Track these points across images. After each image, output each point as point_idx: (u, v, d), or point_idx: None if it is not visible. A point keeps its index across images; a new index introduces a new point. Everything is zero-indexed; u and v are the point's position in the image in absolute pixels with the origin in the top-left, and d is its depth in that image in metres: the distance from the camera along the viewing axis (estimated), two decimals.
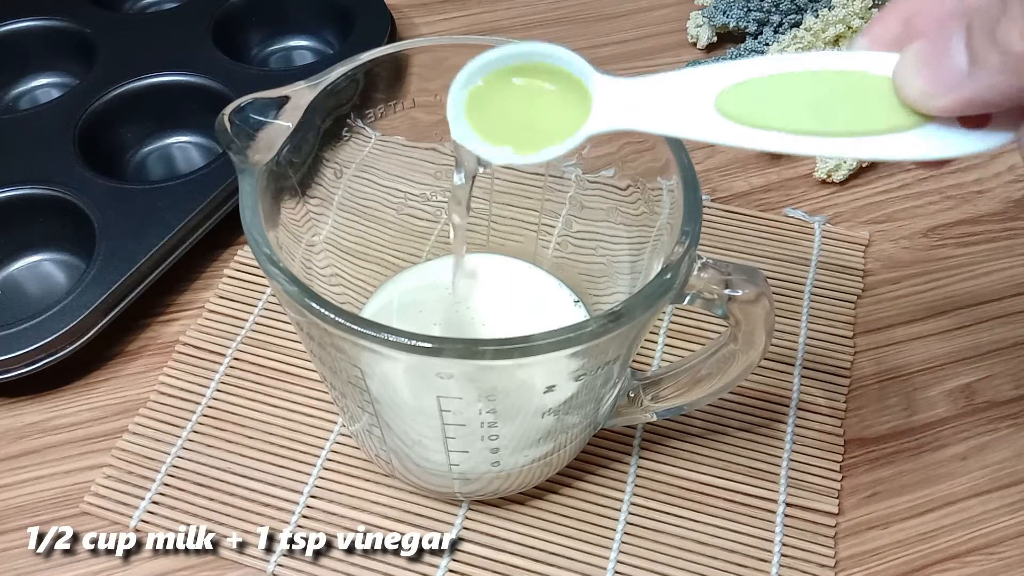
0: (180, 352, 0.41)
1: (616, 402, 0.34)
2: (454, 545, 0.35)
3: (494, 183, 0.38)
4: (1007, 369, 0.41)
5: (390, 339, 0.24)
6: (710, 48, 0.55)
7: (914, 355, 0.41)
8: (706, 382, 0.33)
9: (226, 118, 0.29)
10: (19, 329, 0.38)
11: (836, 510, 0.36)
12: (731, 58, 0.52)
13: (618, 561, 0.35)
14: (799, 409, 0.39)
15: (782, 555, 0.35)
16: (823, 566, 0.35)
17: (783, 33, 0.53)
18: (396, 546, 0.35)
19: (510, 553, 0.35)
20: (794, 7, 0.53)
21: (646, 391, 0.34)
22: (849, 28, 0.50)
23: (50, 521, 0.36)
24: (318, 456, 0.38)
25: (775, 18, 0.53)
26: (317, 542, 0.35)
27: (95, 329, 0.40)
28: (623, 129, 0.25)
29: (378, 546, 0.35)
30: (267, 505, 0.36)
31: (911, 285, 0.44)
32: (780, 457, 0.38)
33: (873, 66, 0.23)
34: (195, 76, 0.49)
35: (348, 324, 0.25)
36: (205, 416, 0.39)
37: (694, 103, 0.24)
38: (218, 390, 0.40)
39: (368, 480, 0.37)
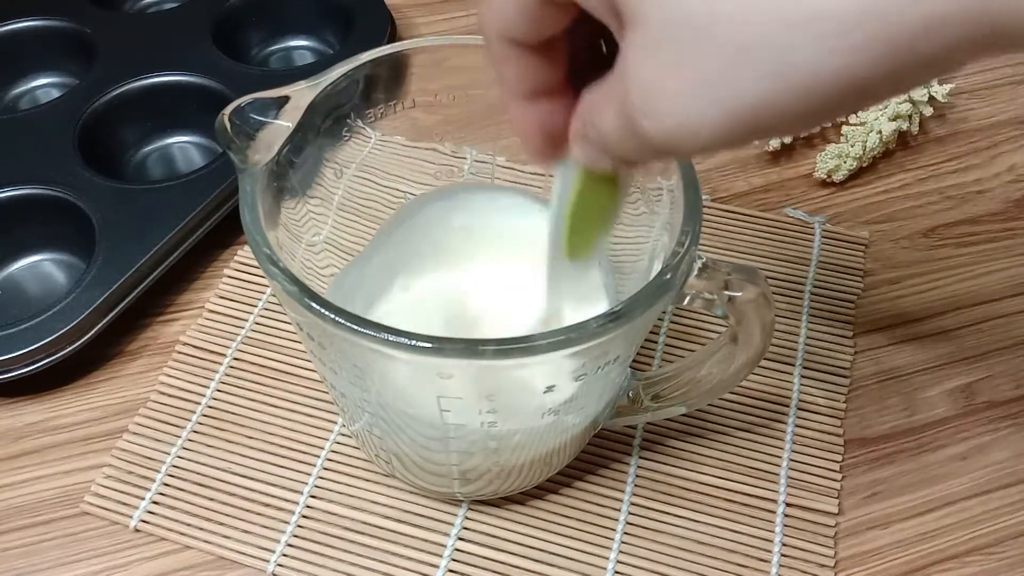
0: (180, 352, 0.41)
1: (616, 402, 0.34)
2: (454, 545, 0.35)
3: (493, 182, 0.38)
4: (1007, 369, 0.41)
5: (390, 339, 0.24)
6: None
7: (914, 355, 0.41)
8: (706, 382, 0.33)
9: (226, 118, 0.29)
10: (19, 329, 0.38)
11: (836, 510, 0.36)
12: None
13: (618, 561, 0.35)
14: (799, 409, 0.39)
15: (782, 555, 0.35)
16: (823, 566, 0.35)
17: None
18: (396, 546, 0.35)
19: (510, 553, 0.35)
20: None
21: (646, 391, 0.34)
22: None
23: (50, 521, 0.36)
24: (318, 456, 0.38)
25: None
26: (317, 542, 0.35)
27: (95, 329, 0.40)
28: None
29: (378, 546, 0.35)
30: (267, 505, 0.36)
31: (911, 285, 0.44)
32: (780, 457, 0.38)
33: None
34: (195, 76, 0.49)
35: (348, 324, 0.25)
36: (205, 416, 0.39)
37: (564, 268, 0.29)
38: (218, 390, 0.40)
39: (368, 480, 0.37)
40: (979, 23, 0.16)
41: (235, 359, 0.41)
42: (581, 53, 0.24)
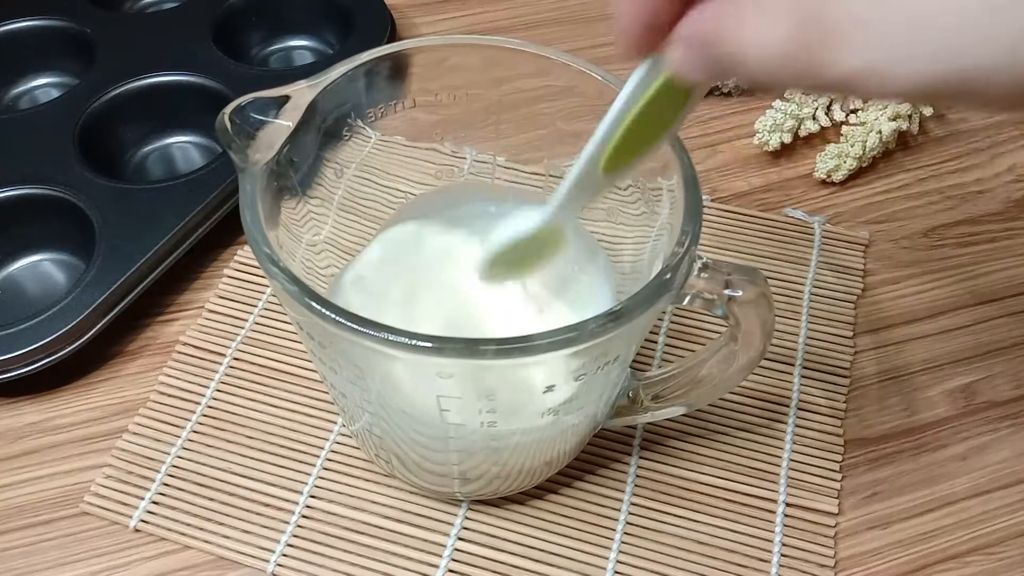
0: (180, 352, 0.41)
1: (616, 402, 0.34)
2: (454, 545, 0.35)
3: (494, 182, 0.38)
4: (1007, 369, 0.41)
5: (390, 339, 0.24)
6: None
7: (914, 355, 0.41)
8: (706, 382, 0.33)
9: (226, 117, 0.29)
10: (19, 329, 0.38)
11: (836, 510, 0.36)
12: None
13: (618, 561, 0.35)
14: (799, 409, 0.39)
15: (782, 555, 0.35)
16: (823, 566, 0.35)
17: None
18: (396, 546, 0.35)
19: (510, 553, 0.35)
20: None
21: (646, 391, 0.34)
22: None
23: (50, 521, 0.36)
24: (318, 456, 0.38)
25: None
26: (317, 542, 0.35)
27: (95, 329, 0.40)
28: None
29: (378, 546, 0.35)
30: (267, 505, 0.36)
31: (911, 285, 0.44)
32: (780, 457, 0.38)
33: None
34: (195, 76, 0.49)
35: (348, 324, 0.25)
36: (205, 416, 0.39)
37: (590, 180, 0.27)
38: (218, 390, 0.40)
39: (368, 480, 0.37)
40: None
41: (235, 359, 0.41)
42: None
